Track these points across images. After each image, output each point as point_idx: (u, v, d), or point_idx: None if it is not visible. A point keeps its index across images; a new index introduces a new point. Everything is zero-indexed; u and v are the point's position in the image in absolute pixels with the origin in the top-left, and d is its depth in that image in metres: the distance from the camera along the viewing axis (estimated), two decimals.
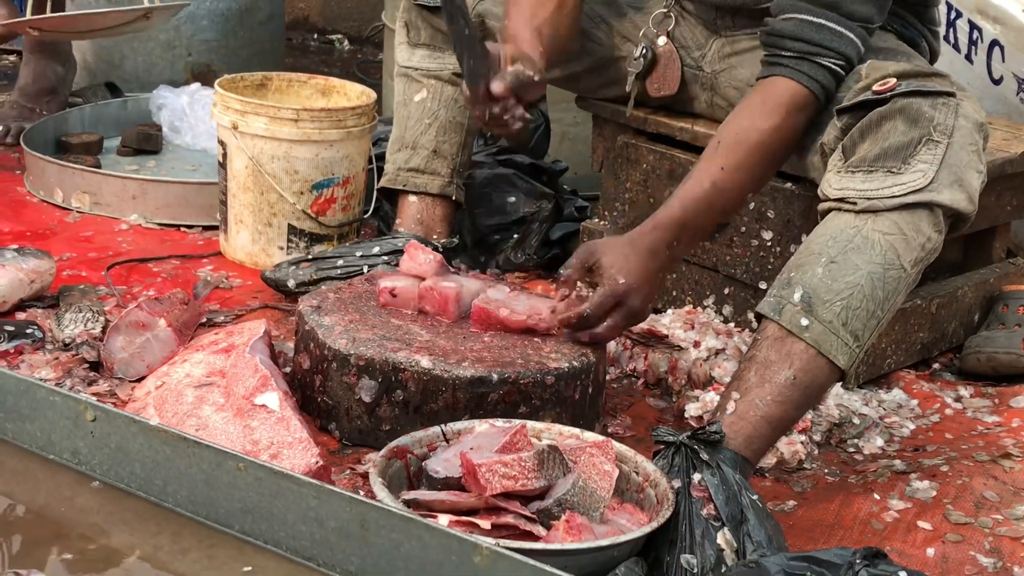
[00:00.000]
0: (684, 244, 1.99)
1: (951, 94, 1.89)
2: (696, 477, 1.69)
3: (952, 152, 1.84)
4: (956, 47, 2.93)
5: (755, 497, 1.70)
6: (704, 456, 1.71)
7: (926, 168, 1.82)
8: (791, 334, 1.80)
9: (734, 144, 1.96)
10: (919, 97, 1.87)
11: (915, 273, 1.85)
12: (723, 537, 1.64)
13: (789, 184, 2.30)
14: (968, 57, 2.92)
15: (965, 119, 1.87)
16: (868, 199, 1.83)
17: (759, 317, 1.86)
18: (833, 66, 1.96)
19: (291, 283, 2.46)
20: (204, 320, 2.33)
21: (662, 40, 2.36)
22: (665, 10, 2.36)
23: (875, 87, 1.91)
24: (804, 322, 1.80)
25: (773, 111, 1.97)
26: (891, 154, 1.84)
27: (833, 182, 1.88)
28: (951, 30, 2.94)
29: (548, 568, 1.33)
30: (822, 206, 1.90)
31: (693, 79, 2.39)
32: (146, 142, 3.26)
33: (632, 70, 2.38)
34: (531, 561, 1.34)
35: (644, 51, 2.36)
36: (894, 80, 1.91)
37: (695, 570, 1.62)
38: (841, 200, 1.85)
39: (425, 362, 1.92)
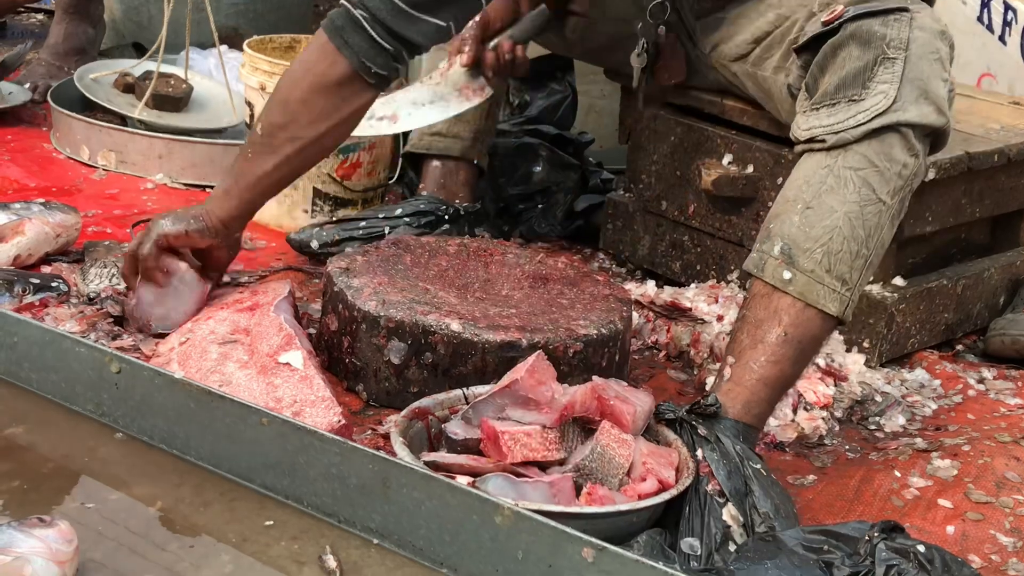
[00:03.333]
0: (216, 199, 2.05)
1: (903, 9, 1.81)
2: (699, 453, 1.66)
3: (911, 66, 1.77)
4: (990, 28, 2.91)
5: (758, 466, 1.66)
6: (702, 431, 1.68)
7: (887, 88, 1.76)
8: (776, 289, 1.76)
9: None
10: (869, 18, 1.81)
11: (896, 203, 1.78)
12: (728, 513, 1.61)
13: None
14: (1002, 38, 2.90)
15: (921, 30, 1.80)
16: (835, 133, 1.77)
17: (747, 276, 1.82)
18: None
19: (314, 244, 2.46)
20: (228, 280, 2.33)
21: (662, 30, 2.31)
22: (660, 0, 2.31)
23: (823, 18, 1.86)
24: (787, 275, 1.75)
25: None
26: (849, 82, 1.78)
27: (801, 123, 1.83)
28: (985, 11, 2.92)
29: (568, 529, 1.33)
30: (796, 149, 1.84)
31: (699, 61, 2.36)
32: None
33: (637, 65, 2.33)
34: (551, 523, 1.34)
35: (644, 45, 2.32)
36: (841, 7, 1.86)
37: (698, 552, 1.58)
38: (811, 140, 1.80)
39: (455, 325, 1.91)
